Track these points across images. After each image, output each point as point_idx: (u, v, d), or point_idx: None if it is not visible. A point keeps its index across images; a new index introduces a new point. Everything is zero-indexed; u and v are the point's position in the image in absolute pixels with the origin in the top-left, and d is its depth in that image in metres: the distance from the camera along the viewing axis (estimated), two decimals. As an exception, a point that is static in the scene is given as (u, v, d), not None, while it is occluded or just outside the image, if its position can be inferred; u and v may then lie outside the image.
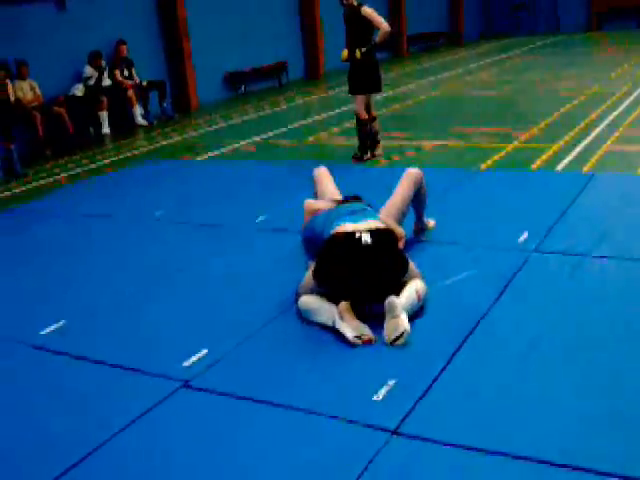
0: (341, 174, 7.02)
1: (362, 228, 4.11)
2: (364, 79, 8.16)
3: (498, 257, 4.84)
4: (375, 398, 3.26)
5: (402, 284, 4.07)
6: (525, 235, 5.16)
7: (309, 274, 4.20)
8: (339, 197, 4.93)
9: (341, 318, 3.85)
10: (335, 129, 10.82)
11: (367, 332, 3.79)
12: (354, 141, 8.74)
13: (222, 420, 3.26)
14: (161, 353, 3.90)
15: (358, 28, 8.03)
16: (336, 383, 3.45)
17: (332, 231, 4.15)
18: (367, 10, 7.95)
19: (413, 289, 4.02)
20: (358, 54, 8.00)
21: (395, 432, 3.02)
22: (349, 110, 9.89)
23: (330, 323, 3.93)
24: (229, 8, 15.42)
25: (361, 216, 4.28)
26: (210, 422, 3.25)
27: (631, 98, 11.42)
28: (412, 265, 4.22)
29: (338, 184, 5.23)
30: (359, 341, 3.76)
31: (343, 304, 3.88)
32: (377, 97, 9.72)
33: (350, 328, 3.80)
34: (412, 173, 5.01)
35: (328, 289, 4.08)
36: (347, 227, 4.14)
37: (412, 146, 9.13)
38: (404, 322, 3.74)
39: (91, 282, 5.07)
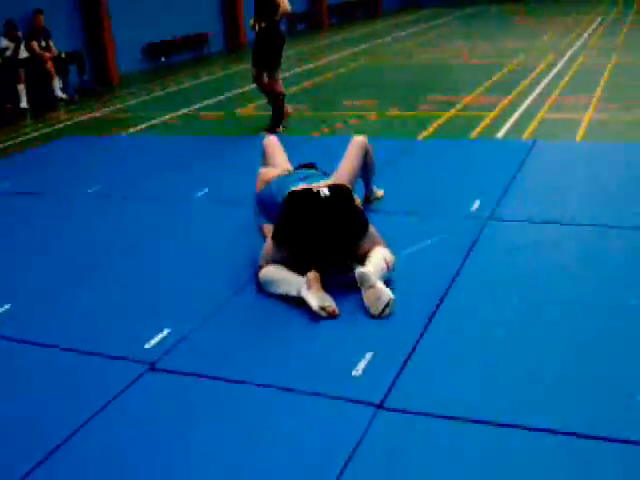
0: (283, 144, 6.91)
1: (319, 185, 4.05)
2: (264, 55, 8.03)
3: (454, 225, 4.80)
4: (354, 373, 3.16)
5: (366, 252, 3.98)
6: (477, 203, 5.14)
7: (268, 241, 4.07)
8: (291, 167, 4.81)
9: (308, 287, 3.73)
10: (258, 102, 10.59)
11: (332, 304, 3.69)
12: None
13: (195, 402, 3.10)
14: (120, 335, 3.69)
15: (263, 3, 7.92)
16: (310, 359, 3.34)
17: (288, 192, 4.05)
18: None
19: (380, 257, 3.92)
20: (256, 27, 7.93)
21: (380, 406, 2.93)
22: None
23: (295, 293, 3.80)
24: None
25: (316, 178, 4.22)
26: (182, 404, 3.09)
27: (558, 66, 11.63)
28: (374, 230, 4.11)
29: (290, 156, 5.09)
30: (323, 312, 3.65)
31: (311, 273, 3.75)
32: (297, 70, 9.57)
33: (316, 298, 3.69)
34: (358, 140, 4.89)
35: (289, 250, 3.96)
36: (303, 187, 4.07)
37: (352, 115, 9.03)
38: (385, 290, 3.64)
39: (33, 264, 4.77)
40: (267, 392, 3.11)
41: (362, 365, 3.21)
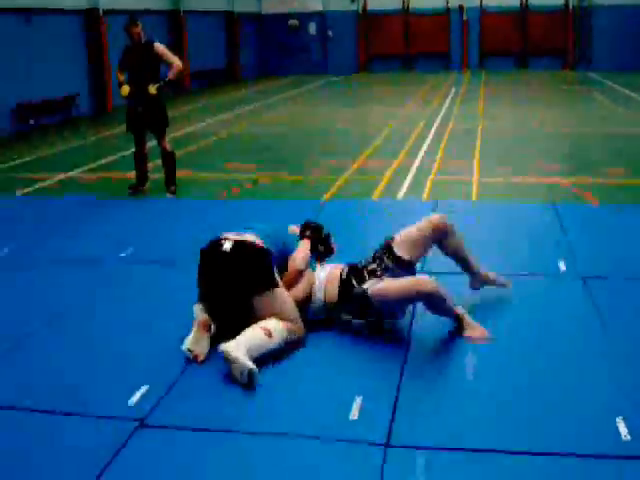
0: (204, 209, 7.02)
1: (232, 237, 4.10)
2: (166, 114, 8.21)
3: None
4: (352, 417, 3.30)
5: (263, 318, 3.94)
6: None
7: None
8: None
9: (194, 327, 3.93)
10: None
11: (200, 351, 3.87)
12: (159, 176, 8.64)
13: (196, 455, 3.11)
14: (98, 395, 3.62)
15: (149, 65, 8.00)
16: (302, 405, 3.44)
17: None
18: (159, 47, 8.02)
19: (258, 328, 3.86)
20: (153, 90, 7.91)
21: (387, 445, 3.09)
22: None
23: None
24: (18, 38, 14.63)
25: (251, 230, 4.25)
26: (182, 458, 3.09)
27: (432, 132, 12.45)
28: (283, 301, 4.01)
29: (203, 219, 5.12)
30: (188, 353, 3.87)
31: (202, 316, 3.96)
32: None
33: (191, 339, 3.91)
34: (430, 218, 4.52)
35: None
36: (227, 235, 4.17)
37: (247, 179, 9.21)
38: (243, 363, 3.58)
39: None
40: (267, 440, 3.18)
41: (355, 409, 3.35)
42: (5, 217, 7.38)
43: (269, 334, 3.85)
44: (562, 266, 5.21)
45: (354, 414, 3.32)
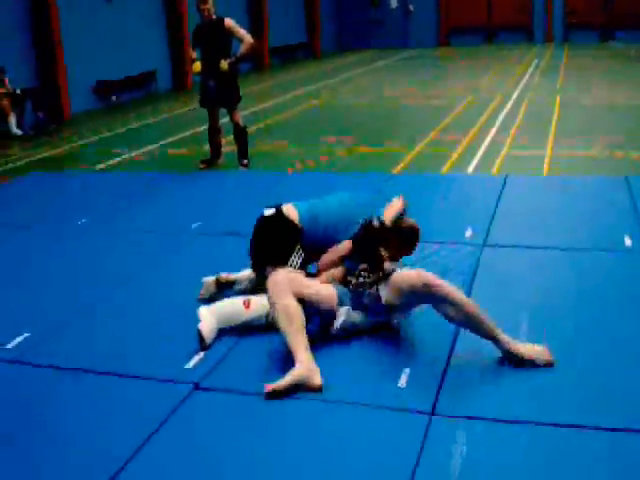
0: (275, 182, 7.11)
1: (283, 207, 4.20)
2: (237, 90, 8.27)
3: (453, 251, 5.06)
4: (400, 385, 3.35)
5: None
6: (470, 231, 5.43)
7: None
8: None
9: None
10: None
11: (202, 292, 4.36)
12: (232, 149, 8.74)
13: (250, 418, 3.21)
14: (156, 358, 3.78)
15: (220, 41, 8.07)
16: (352, 376, 3.51)
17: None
18: (230, 23, 8.06)
19: (244, 297, 4.01)
20: (225, 65, 7.97)
21: (433, 414, 3.13)
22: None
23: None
24: (99, 17, 15.04)
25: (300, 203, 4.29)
26: (237, 420, 3.20)
27: (508, 106, 12.24)
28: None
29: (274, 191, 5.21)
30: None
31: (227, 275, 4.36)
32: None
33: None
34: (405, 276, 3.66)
35: None
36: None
37: (321, 151, 9.29)
38: (201, 323, 3.82)
39: (43, 293, 4.79)
40: (322, 406, 3.26)
41: (404, 379, 3.40)
42: (87, 190, 7.70)
43: (247, 305, 3.93)
44: (628, 241, 5.10)
45: (402, 383, 3.36)
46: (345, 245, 4.01)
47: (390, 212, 4.06)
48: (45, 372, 3.72)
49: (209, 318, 3.85)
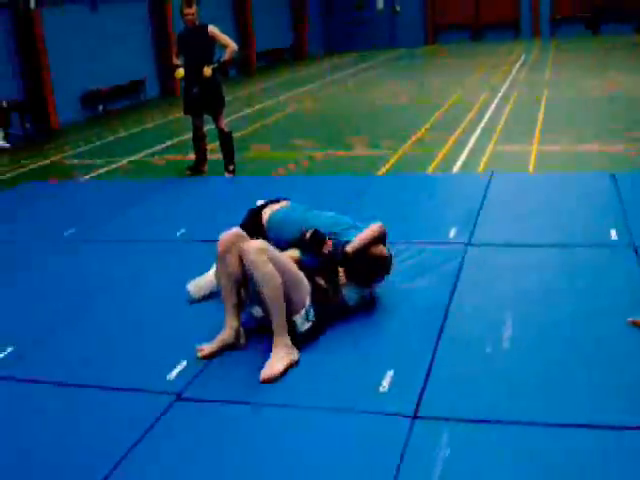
0: (260, 186, 7.10)
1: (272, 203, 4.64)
2: (222, 95, 8.25)
3: (438, 250, 5.04)
4: (381, 389, 3.33)
5: None
6: (454, 231, 5.41)
7: None
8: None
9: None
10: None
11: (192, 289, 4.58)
12: (219, 157, 8.66)
13: (228, 427, 3.20)
14: (139, 369, 3.76)
15: (204, 47, 8.07)
16: (333, 380, 3.49)
17: None
18: (214, 29, 8.07)
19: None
20: (209, 72, 7.98)
21: (415, 417, 3.11)
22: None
23: None
24: (85, 26, 15.01)
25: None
26: (216, 430, 3.19)
27: (495, 102, 12.25)
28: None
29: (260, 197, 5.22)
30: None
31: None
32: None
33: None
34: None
35: None
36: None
37: (305, 155, 9.27)
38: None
39: (24, 308, 4.76)
40: (296, 413, 3.25)
41: (386, 382, 3.38)
42: (74, 200, 7.66)
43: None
44: (614, 235, 5.09)
45: (385, 386, 3.34)
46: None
47: (362, 237, 4.05)
48: (28, 387, 3.70)
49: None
